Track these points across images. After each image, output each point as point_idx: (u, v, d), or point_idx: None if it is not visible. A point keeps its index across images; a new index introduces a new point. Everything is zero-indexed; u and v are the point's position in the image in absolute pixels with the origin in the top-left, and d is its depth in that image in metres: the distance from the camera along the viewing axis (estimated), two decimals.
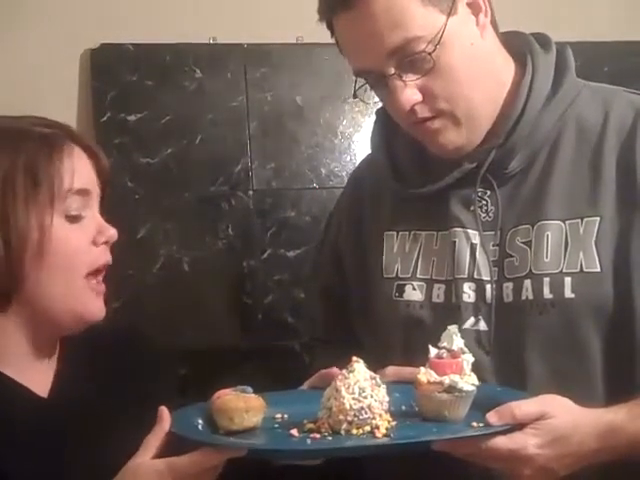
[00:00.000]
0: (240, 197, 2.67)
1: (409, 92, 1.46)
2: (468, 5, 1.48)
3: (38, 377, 1.44)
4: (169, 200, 2.62)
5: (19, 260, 1.34)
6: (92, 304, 1.42)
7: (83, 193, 1.41)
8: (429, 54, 1.43)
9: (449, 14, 1.44)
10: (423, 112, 1.49)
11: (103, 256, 1.44)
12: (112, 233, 1.44)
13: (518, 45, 1.59)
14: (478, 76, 1.49)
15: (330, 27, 1.52)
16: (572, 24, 2.40)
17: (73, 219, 1.40)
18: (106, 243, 1.44)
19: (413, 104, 1.47)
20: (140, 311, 2.57)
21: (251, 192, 2.68)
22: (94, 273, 1.42)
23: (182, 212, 2.64)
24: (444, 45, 1.43)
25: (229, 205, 2.67)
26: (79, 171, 1.41)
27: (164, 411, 1.29)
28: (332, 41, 1.56)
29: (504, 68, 1.56)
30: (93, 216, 1.44)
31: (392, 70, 1.46)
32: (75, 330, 1.44)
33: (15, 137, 1.39)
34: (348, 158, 2.74)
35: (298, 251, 2.70)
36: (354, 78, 1.55)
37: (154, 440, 1.27)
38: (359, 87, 1.56)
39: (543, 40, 1.59)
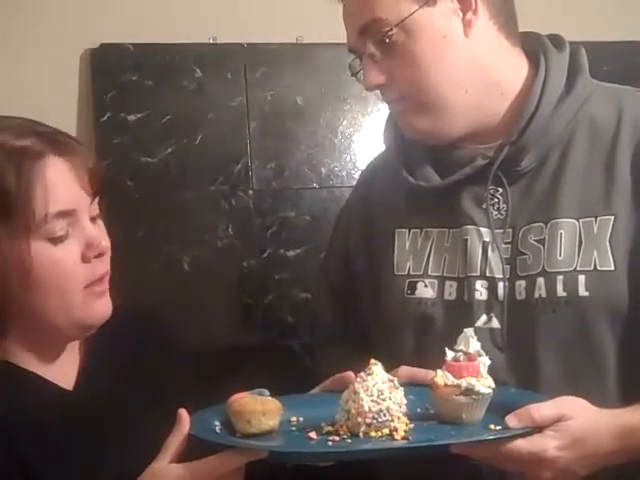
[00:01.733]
0: (240, 197, 2.65)
1: (373, 73, 1.51)
2: (458, 0, 1.49)
3: (63, 371, 1.42)
4: (169, 200, 2.59)
5: (4, 289, 1.30)
6: (94, 309, 1.38)
7: (64, 214, 1.32)
8: (386, 34, 1.46)
9: (424, 4, 1.46)
10: (386, 94, 1.55)
11: (97, 269, 1.37)
12: (103, 245, 1.37)
13: (531, 45, 1.59)
14: (448, 69, 1.49)
15: None
16: (572, 24, 2.38)
17: (57, 240, 1.32)
18: (99, 256, 1.37)
19: (376, 84, 1.52)
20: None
21: (251, 192, 2.66)
22: (93, 283, 1.37)
23: (182, 212, 2.60)
24: (410, 31, 1.46)
25: (229, 205, 2.64)
26: (55, 192, 1.30)
27: (183, 413, 1.27)
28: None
29: (503, 68, 1.55)
30: (81, 232, 1.35)
31: (366, 49, 1.50)
32: (84, 336, 1.42)
33: None
34: (348, 158, 2.72)
35: (298, 251, 2.67)
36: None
37: (174, 442, 1.25)
38: (356, 69, 1.59)
39: (557, 40, 1.59)
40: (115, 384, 1.42)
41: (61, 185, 1.32)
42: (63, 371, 1.42)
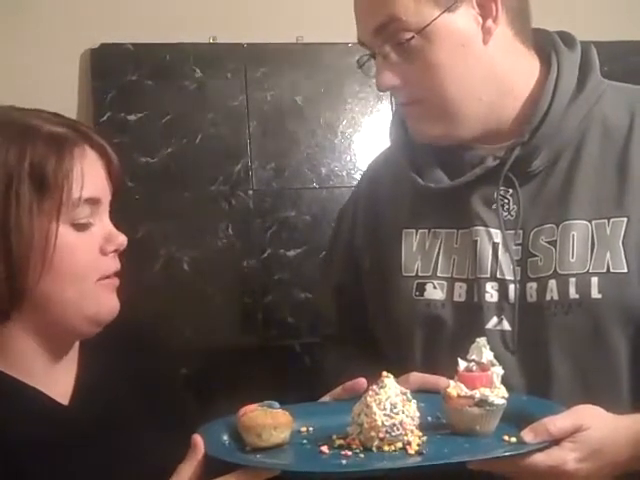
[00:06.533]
0: (240, 197, 2.62)
1: (388, 75, 1.43)
2: (479, 6, 1.40)
3: (59, 384, 1.33)
4: (169, 200, 2.56)
5: (20, 269, 1.21)
6: (105, 303, 1.30)
7: (93, 202, 1.28)
8: (407, 40, 1.38)
9: (446, 10, 1.38)
10: (400, 97, 1.48)
11: (112, 265, 1.31)
12: (121, 241, 1.31)
13: (542, 43, 1.51)
14: (465, 77, 1.42)
15: None
16: (572, 24, 2.33)
17: (81, 227, 1.26)
18: (115, 251, 1.31)
19: (390, 86, 1.45)
20: (140, 311, 2.48)
21: (251, 192, 2.63)
22: (106, 277, 1.30)
23: (182, 212, 2.58)
24: (429, 38, 1.38)
25: (229, 205, 2.62)
26: (90, 178, 1.27)
27: (197, 439, 1.18)
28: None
29: (518, 73, 1.47)
30: (102, 224, 1.30)
31: (381, 49, 1.42)
32: (92, 332, 1.32)
33: (23, 134, 1.24)
34: (348, 158, 2.69)
35: (298, 251, 2.65)
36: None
37: (188, 469, 1.16)
38: (364, 61, 1.51)
39: (567, 38, 1.52)
40: (111, 399, 1.34)
41: (93, 173, 1.29)
42: (59, 386, 1.33)
